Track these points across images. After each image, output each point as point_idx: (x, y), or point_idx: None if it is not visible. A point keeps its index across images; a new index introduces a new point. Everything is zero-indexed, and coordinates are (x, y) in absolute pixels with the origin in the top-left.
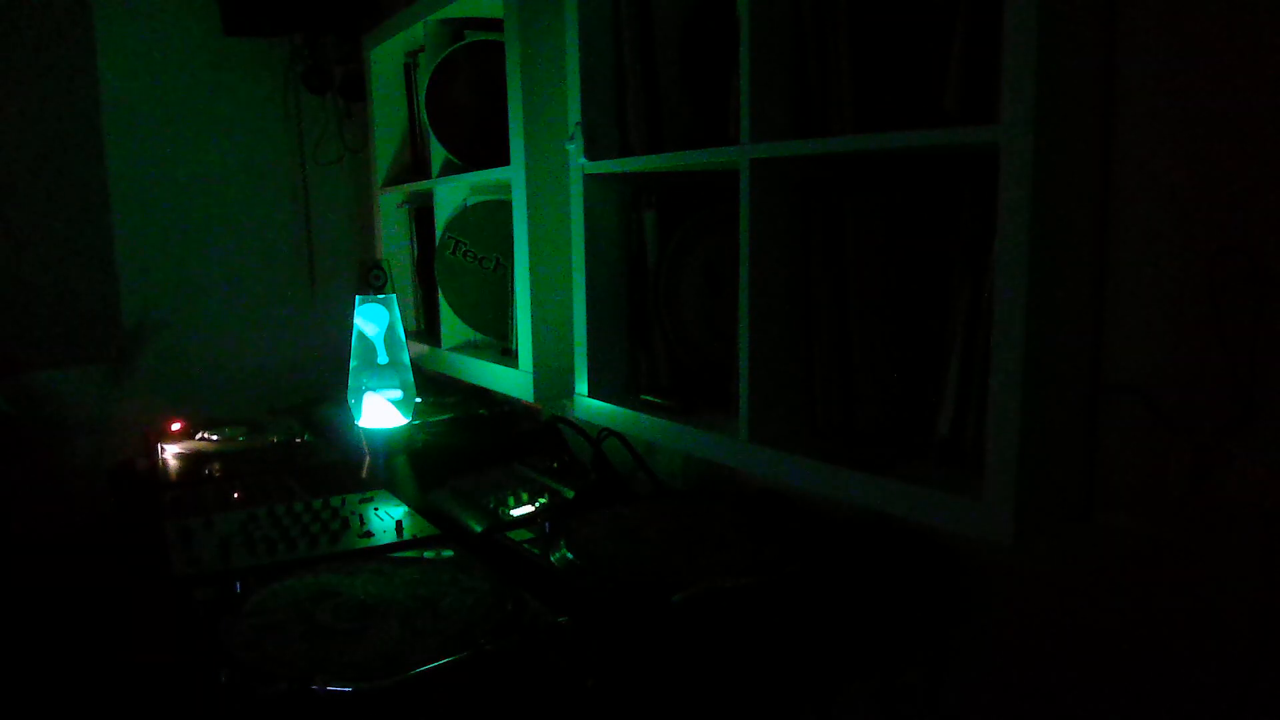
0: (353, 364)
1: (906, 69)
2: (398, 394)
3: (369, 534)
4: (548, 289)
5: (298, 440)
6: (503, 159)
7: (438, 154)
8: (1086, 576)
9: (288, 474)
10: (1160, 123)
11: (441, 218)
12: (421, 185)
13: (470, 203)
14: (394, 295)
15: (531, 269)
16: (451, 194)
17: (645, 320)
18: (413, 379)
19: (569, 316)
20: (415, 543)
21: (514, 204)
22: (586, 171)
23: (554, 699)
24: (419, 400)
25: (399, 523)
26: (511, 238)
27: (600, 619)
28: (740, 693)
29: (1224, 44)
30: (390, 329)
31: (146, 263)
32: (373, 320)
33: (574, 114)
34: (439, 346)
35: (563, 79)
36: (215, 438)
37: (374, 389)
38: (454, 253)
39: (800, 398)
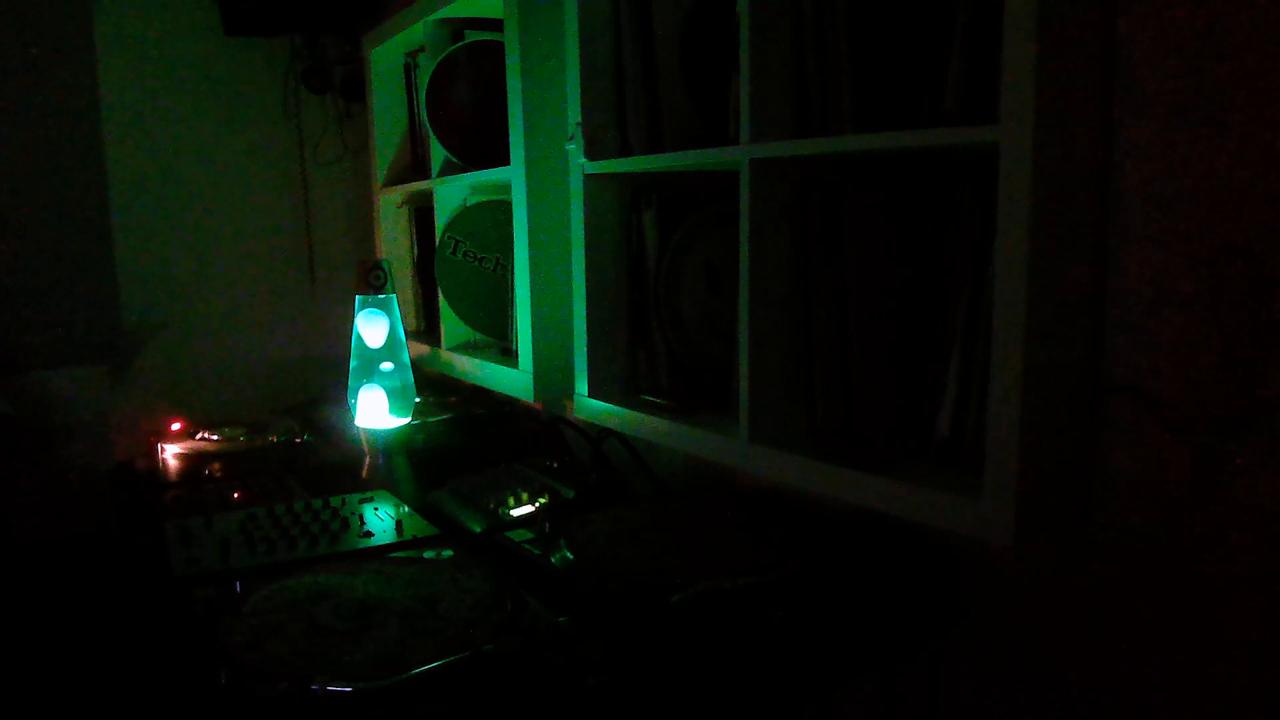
0: (353, 364)
1: (906, 69)
2: (397, 393)
3: (369, 534)
4: (548, 289)
5: (298, 440)
6: (503, 159)
7: (438, 154)
8: (1086, 576)
9: (288, 474)
10: (1160, 123)
11: (441, 218)
12: (421, 185)
13: (470, 203)
14: (394, 295)
15: (531, 269)
16: (451, 194)
17: (645, 320)
18: (413, 379)
19: (569, 316)
20: (415, 543)
21: (514, 204)
22: (586, 171)
23: (554, 699)
24: (419, 400)
25: (399, 523)
26: (511, 238)
27: (600, 619)
28: (740, 692)
29: (1224, 43)
30: (390, 329)
31: (146, 263)
32: (373, 322)
33: (574, 114)
34: (439, 346)
35: (563, 79)
36: (215, 438)
37: (374, 388)
38: (454, 253)
39: (800, 397)
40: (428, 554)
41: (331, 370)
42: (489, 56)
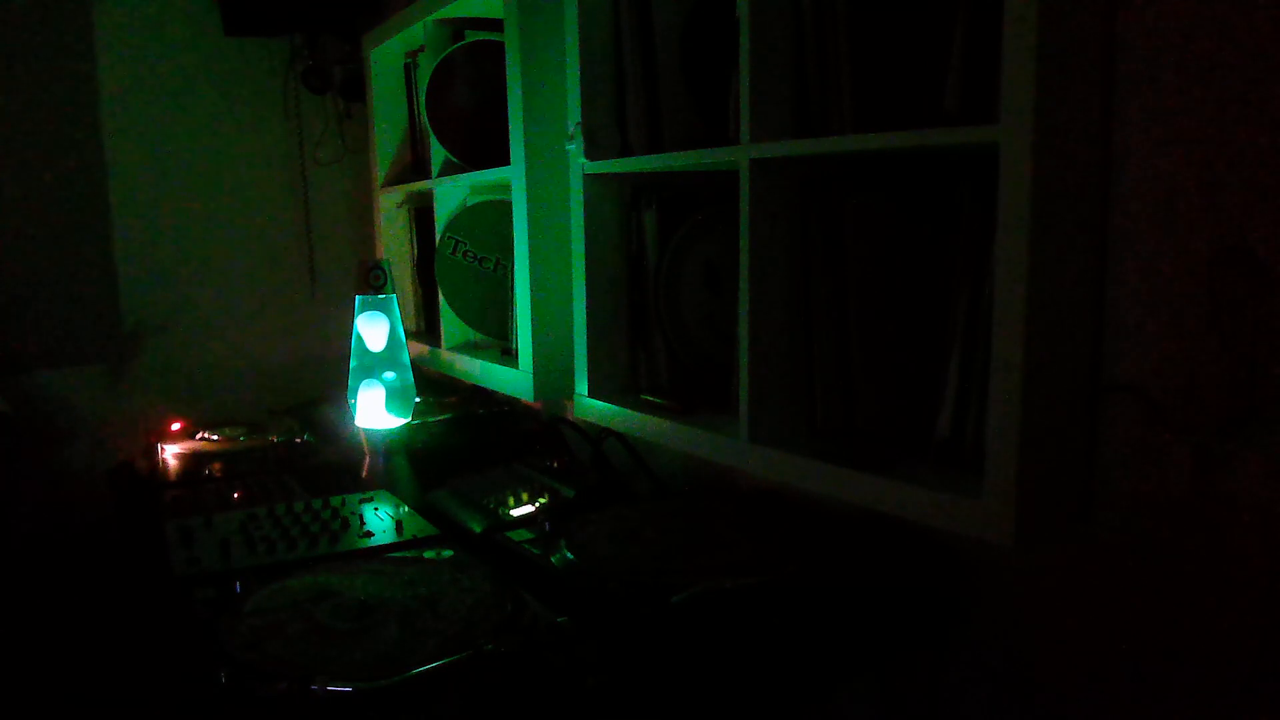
0: (353, 364)
1: (906, 69)
2: (397, 393)
3: (369, 534)
4: (548, 289)
5: (298, 440)
6: (503, 159)
7: (438, 154)
8: (1086, 576)
9: (288, 474)
10: (1160, 122)
11: (441, 218)
12: (421, 185)
13: (470, 203)
14: (394, 295)
15: (531, 269)
16: (451, 194)
17: (645, 320)
18: (413, 379)
19: (569, 316)
20: (415, 543)
21: (514, 204)
22: (586, 171)
23: (554, 699)
24: (419, 400)
25: (399, 523)
26: (511, 238)
27: (600, 619)
28: (740, 692)
29: (1224, 43)
30: (390, 329)
31: (146, 263)
32: (373, 322)
33: (574, 114)
34: (439, 346)
35: (563, 79)
36: (215, 438)
37: (374, 387)
38: (454, 253)
39: (800, 397)
40: (428, 554)
41: (331, 370)
42: (489, 56)
